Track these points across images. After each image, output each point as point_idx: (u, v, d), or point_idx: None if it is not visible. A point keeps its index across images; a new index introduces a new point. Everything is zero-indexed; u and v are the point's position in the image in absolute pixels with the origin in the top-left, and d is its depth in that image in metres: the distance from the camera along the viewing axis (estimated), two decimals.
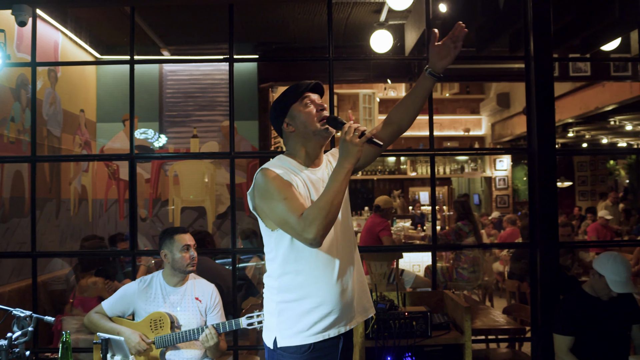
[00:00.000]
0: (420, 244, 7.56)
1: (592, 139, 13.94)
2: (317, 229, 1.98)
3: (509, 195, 13.50)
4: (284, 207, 2.06)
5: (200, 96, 7.22)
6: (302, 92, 2.24)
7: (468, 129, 13.44)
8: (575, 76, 7.09)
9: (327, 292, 2.16)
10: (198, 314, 3.35)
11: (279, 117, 2.29)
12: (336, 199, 2.02)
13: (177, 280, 3.40)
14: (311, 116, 2.22)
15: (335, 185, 2.03)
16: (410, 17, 5.80)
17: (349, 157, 2.04)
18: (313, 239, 2.00)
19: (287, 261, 2.18)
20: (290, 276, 2.18)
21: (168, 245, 3.38)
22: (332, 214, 2.02)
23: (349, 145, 2.03)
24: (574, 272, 5.77)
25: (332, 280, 2.18)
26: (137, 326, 3.29)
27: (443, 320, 3.43)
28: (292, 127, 2.25)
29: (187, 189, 7.12)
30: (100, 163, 7.10)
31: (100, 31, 6.69)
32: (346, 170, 2.04)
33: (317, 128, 2.22)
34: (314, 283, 2.17)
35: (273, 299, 2.24)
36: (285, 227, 2.09)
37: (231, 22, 4.01)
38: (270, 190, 2.11)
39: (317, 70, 7.02)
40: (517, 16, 4.28)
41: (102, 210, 7.11)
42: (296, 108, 2.24)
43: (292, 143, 2.29)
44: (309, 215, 2.00)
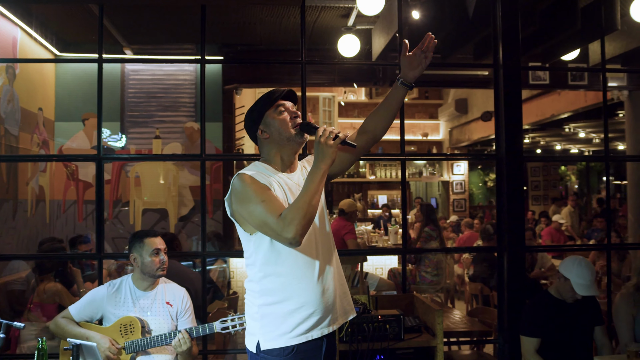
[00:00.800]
0: (390, 248, 7.62)
1: (547, 145, 14.35)
2: (295, 228, 2.02)
3: (465, 199, 13.75)
4: (263, 209, 2.09)
5: (163, 96, 7.10)
6: (276, 99, 2.30)
7: (426, 133, 13.65)
8: (534, 84, 7.28)
9: (308, 293, 2.19)
10: (169, 319, 3.29)
11: (253, 125, 2.34)
12: (313, 199, 2.08)
13: (147, 285, 3.33)
14: (285, 123, 2.28)
15: (312, 186, 2.09)
16: (378, 22, 5.85)
17: (325, 158, 2.11)
18: (292, 238, 2.03)
19: (267, 264, 2.21)
20: (271, 279, 2.21)
21: (138, 249, 3.31)
22: (310, 214, 2.07)
23: (323, 147, 2.10)
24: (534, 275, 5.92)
25: (313, 281, 2.21)
26: (106, 331, 3.20)
27: (415, 323, 3.46)
28: (267, 133, 2.31)
29: (148, 191, 6.99)
30: (58, 163, 6.90)
31: (61, 28, 6.51)
32: (322, 172, 2.11)
33: (291, 134, 2.28)
34: (295, 284, 2.19)
35: (254, 302, 2.24)
36: (264, 228, 2.12)
37: (203, 23, 3.97)
38: (248, 194, 2.14)
39: (283, 73, 7.02)
40: (484, 25, 4.37)
41: (60, 211, 6.91)
42: (270, 115, 2.30)
43: (267, 149, 2.34)
44: (288, 215, 2.04)
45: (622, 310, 3.56)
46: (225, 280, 5.89)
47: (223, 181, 7.16)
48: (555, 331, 3.44)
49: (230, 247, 6.86)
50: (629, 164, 8.28)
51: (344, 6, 5.61)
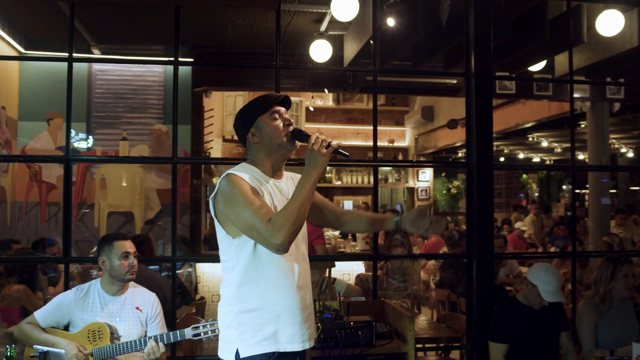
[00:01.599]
0: (361, 254, 7.64)
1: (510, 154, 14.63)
2: (284, 234, 2.00)
3: (430, 205, 13.88)
4: (251, 213, 2.05)
5: (131, 98, 6.99)
6: (271, 104, 2.27)
7: (393, 140, 13.76)
8: (501, 93, 7.41)
9: (288, 300, 2.17)
10: (138, 324, 3.23)
11: (244, 127, 2.29)
12: (303, 206, 2.06)
13: (116, 289, 3.27)
14: (277, 129, 2.26)
15: (302, 193, 2.08)
16: (350, 28, 5.87)
17: (317, 166, 2.10)
18: (280, 245, 2.02)
19: (248, 269, 2.16)
20: (251, 285, 2.16)
21: (107, 252, 3.25)
22: (300, 221, 2.06)
23: (316, 155, 2.10)
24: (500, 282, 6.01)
25: (293, 289, 2.19)
26: (73, 337, 3.12)
27: (386, 329, 3.48)
28: (258, 137, 2.27)
29: (114, 193, 6.86)
30: (21, 164, 6.72)
31: (27, 25, 6.35)
32: (313, 179, 2.10)
33: (283, 141, 2.26)
34: (275, 292, 2.16)
35: (231, 310, 2.19)
36: (251, 232, 2.09)
37: (177, 24, 3.92)
38: (236, 196, 2.10)
39: (254, 77, 6.99)
40: (456, 33, 4.43)
41: (22, 213, 6.73)
42: (263, 120, 2.27)
43: (256, 153, 2.31)
44: (277, 220, 2.02)
45: (585, 318, 3.64)
46: (193, 285, 5.82)
47: (190, 185, 7.08)
48: (523, 337, 3.50)
49: (197, 252, 6.79)
50: (591, 173, 8.50)
51: (317, 11, 5.61)
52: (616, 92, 7.49)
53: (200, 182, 7.46)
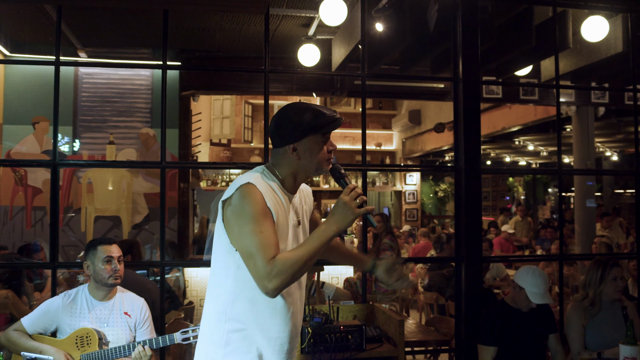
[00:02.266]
0: None
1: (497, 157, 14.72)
2: (281, 281, 1.84)
3: (417, 209, 13.94)
4: (256, 242, 1.87)
5: (118, 101, 6.95)
6: (330, 127, 2.05)
7: (380, 143, 13.79)
8: (487, 98, 7.47)
9: (280, 327, 2.04)
10: (127, 330, 3.21)
11: (289, 137, 2.05)
12: (312, 259, 1.89)
13: (104, 294, 3.24)
14: (324, 157, 2.06)
15: (315, 246, 1.89)
16: (338, 33, 5.89)
17: (343, 222, 1.91)
18: (273, 290, 1.85)
19: (245, 287, 1.99)
20: (246, 304, 2.00)
21: (91, 256, 3.23)
22: (301, 273, 1.91)
23: (347, 210, 1.90)
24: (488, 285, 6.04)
25: (287, 316, 2.06)
26: (61, 344, 3.10)
27: (376, 333, 3.48)
28: (299, 155, 2.05)
29: (101, 198, 6.82)
30: (6, 168, 6.65)
31: (12, 27, 6.30)
32: (333, 233, 1.91)
33: (322, 168, 2.07)
34: (269, 316, 2.02)
35: (220, 327, 2.02)
36: (248, 260, 1.91)
37: (165, 28, 3.90)
38: (248, 215, 1.91)
39: (242, 81, 6.98)
40: (444, 39, 4.46)
41: (7, 218, 6.66)
42: (313, 140, 2.04)
43: (286, 165, 2.08)
44: (279, 265, 1.84)
45: (574, 320, 3.67)
46: (181, 290, 5.80)
47: (178, 189, 7.05)
48: (512, 339, 3.52)
49: (185, 256, 6.76)
50: (576, 177, 8.57)
51: (305, 16, 5.62)
52: (601, 97, 7.58)
53: (188, 186, 7.43)
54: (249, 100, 12.40)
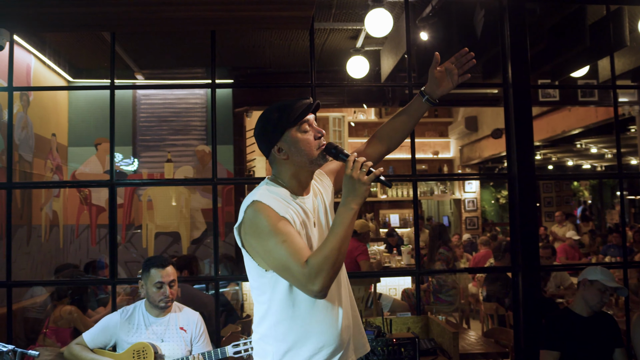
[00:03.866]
0: (403, 269, 7.57)
1: (558, 162, 14.28)
2: (323, 280, 1.78)
3: (477, 217, 13.67)
4: (285, 252, 1.82)
5: (174, 120, 7.16)
6: (301, 115, 1.97)
7: (437, 151, 13.62)
8: (544, 101, 7.28)
9: (329, 335, 1.96)
10: (183, 345, 3.29)
11: (269, 141, 2.02)
12: (343, 245, 1.81)
13: (159, 311, 3.32)
14: (309, 144, 1.98)
15: (341, 230, 1.82)
16: (386, 43, 5.88)
17: (357, 197, 1.84)
18: (319, 291, 1.79)
19: (284, 307, 1.95)
20: (288, 322, 1.95)
21: (145, 277, 3.32)
22: (340, 262, 1.82)
23: (356, 183, 1.83)
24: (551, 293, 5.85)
25: (334, 322, 1.99)
26: (119, 358, 3.20)
27: (430, 346, 3.44)
28: (286, 154, 2.00)
29: (161, 214, 7.02)
30: (71, 188, 6.96)
31: (73, 55, 6.61)
32: (353, 212, 1.84)
33: (314, 157, 1.99)
34: (314, 326, 1.95)
35: (268, 350, 1.99)
36: (285, 274, 1.87)
37: (213, 48, 4.01)
38: (266, 230, 1.86)
39: (293, 95, 7.03)
40: (492, 44, 4.38)
41: (74, 236, 6.95)
42: (293, 134, 1.98)
43: (283, 170, 2.04)
44: (315, 264, 1.78)
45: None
46: (239, 303, 5.87)
47: (235, 204, 7.17)
48: (575, 347, 3.43)
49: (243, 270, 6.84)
50: None
51: (352, 28, 5.65)
52: None
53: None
54: None
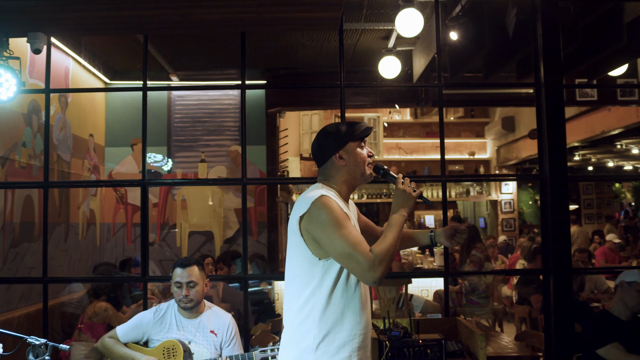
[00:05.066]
0: (432, 270, 7.51)
1: (598, 163, 13.95)
2: (384, 267, 2.04)
3: (514, 218, 13.46)
4: (351, 241, 2.08)
5: (208, 121, 7.26)
6: (363, 134, 2.34)
7: (473, 152, 13.46)
8: (582, 101, 7.12)
9: (361, 324, 2.21)
10: (212, 348, 3.30)
11: (334, 147, 2.32)
12: (398, 242, 2.15)
13: (190, 312, 3.36)
14: (364, 160, 2.33)
15: (396, 232, 2.16)
16: (418, 43, 5.85)
17: (406, 206, 2.24)
18: (379, 278, 2.05)
19: (329, 294, 2.17)
20: (330, 309, 2.17)
21: (172, 276, 3.38)
22: (394, 257, 2.11)
23: (406, 195, 2.24)
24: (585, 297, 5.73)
25: (365, 314, 2.25)
26: (150, 353, 3.26)
27: (457, 347, 3.40)
28: (345, 161, 2.31)
29: (194, 214, 7.12)
30: (108, 188, 7.12)
31: (110, 57, 6.76)
32: (404, 218, 2.22)
33: (365, 172, 2.34)
34: (350, 316, 2.19)
35: (309, 335, 2.16)
36: (347, 260, 2.09)
37: (243, 49, 4.05)
38: (334, 222, 2.11)
39: (325, 96, 7.07)
40: (525, 43, 4.32)
41: (110, 234, 7.11)
42: (354, 147, 2.32)
43: (337, 175, 2.34)
44: (379, 254, 2.05)
45: None
46: (271, 303, 5.92)
47: (267, 203, 7.22)
48: None
49: (274, 269, 6.89)
50: None
51: (383, 28, 5.63)
52: None
53: (278, 201, 7.60)
54: (338, 114, 12.50)
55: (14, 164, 5.01)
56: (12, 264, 4.95)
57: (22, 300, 5.03)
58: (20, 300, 5.01)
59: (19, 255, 5.06)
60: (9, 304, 4.86)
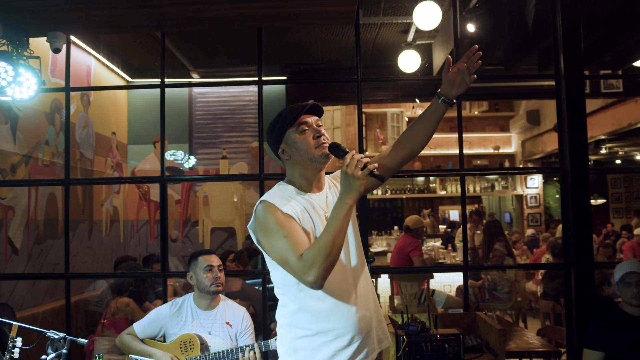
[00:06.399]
0: (451, 265, 7.45)
1: (626, 156, 13.68)
2: (317, 271, 1.84)
3: (540, 213, 13.29)
4: (285, 245, 1.93)
5: (229, 117, 7.30)
6: (297, 116, 2.08)
7: (498, 146, 13.31)
8: (607, 92, 6.99)
9: (345, 322, 2.04)
10: (228, 339, 3.34)
11: (274, 144, 2.15)
12: (337, 238, 1.88)
13: (207, 303, 3.40)
14: (307, 143, 2.07)
15: (336, 224, 1.88)
16: (438, 36, 5.80)
17: (351, 192, 1.88)
18: (313, 282, 1.86)
19: (298, 295, 2.05)
20: (303, 311, 2.05)
21: (193, 267, 3.42)
22: (334, 255, 1.87)
23: (350, 178, 1.87)
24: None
25: (350, 310, 2.05)
26: (167, 348, 3.30)
27: (476, 342, 3.37)
28: (288, 154, 2.12)
29: (216, 210, 7.17)
30: (131, 184, 7.20)
31: (131, 55, 6.83)
32: (348, 207, 1.89)
33: (314, 155, 2.08)
34: (329, 315, 2.03)
35: (286, 337, 2.10)
36: (285, 267, 1.96)
37: (260, 45, 4.06)
38: (270, 226, 1.97)
39: (345, 90, 7.06)
40: (546, 34, 4.25)
41: (134, 231, 7.19)
42: (292, 134, 2.10)
43: (290, 170, 2.16)
44: (309, 256, 1.87)
45: None
46: None
47: None
48: (622, 347, 3.27)
49: None
50: None
51: (402, 22, 5.59)
52: None
53: None
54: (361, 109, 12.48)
55: (38, 162, 5.10)
56: (37, 261, 5.05)
57: (47, 295, 5.13)
58: (45, 295, 5.11)
59: (44, 252, 5.16)
60: (34, 299, 4.96)
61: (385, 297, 6.64)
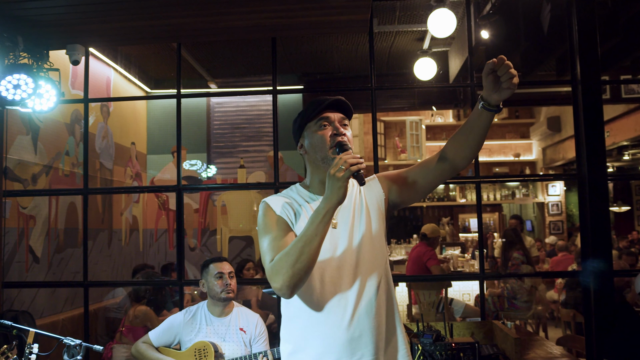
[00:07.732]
0: (467, 273, 7.38)
1: None
2: (282, 278, 1.68)
3: (562, 220, 13.12)
4: (265, 248, 1.81)
5: (246, 127, 7.34)
6: (320, 110, 1.89)
7: (518, 154, 13.19)
8: (628, 98, 6.90)
9: (330, 341, 1.82)
10: (242, 346, 3.36)
11: (295, 136, 1.99)
12: (308, 245, 1.68)
13: (220, 310, 3.43)
14: (324, 140, 1.88)
15: (309, 230, 1.69)
16: (453, 44, 5.79)
17: (330, 195, 1.68)
18: (279, 290, 1.71)
19: (287, 305, 1.91)
20: (291, 323, 1.91)
21: (205, 275, 3.47)
22: (302, 263, 1.68)
23: (331, 180, 1.68)
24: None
25: (339, 329, 1.82)
26: (182, 356, 3.32)
27: (492, 351, 3.34)
28: (305, 150, 1.95)
29: (234, 219, 7.20)
30: (150, 194, 7.27)
31: (150, 66, 6.92)
32: (324, 212, 1.69)
33: (327, 155, 1.88)
34: (313, 331, 1.84)
35: (282, 349, 1.96)
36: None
37: (274, 54, 4.09)
38: (261, 226, 1.87)
39: (362, 99, 7.05)
40: (562, 39, 4.22)
41: (153, 240, 7.26)
42: (310, 128, 1.92)
43: (308, 168, 1.99)
44: (277, 261, 1.72)
45: None
46: None
47: None
48: None
49: None
50: None
51: (418, 30, 5.59)
52: None
53: None
54: (380, 117, 12.47)
55: (58, 172, 5.18)
56: (57, 269, 5.11)
57: (67, 303, 5.19)
58: (65, 303, 5.17)
59: (64, 261, 5.22)
60: (55, 307, 5.02)
61: (403, 305, 6.61)
